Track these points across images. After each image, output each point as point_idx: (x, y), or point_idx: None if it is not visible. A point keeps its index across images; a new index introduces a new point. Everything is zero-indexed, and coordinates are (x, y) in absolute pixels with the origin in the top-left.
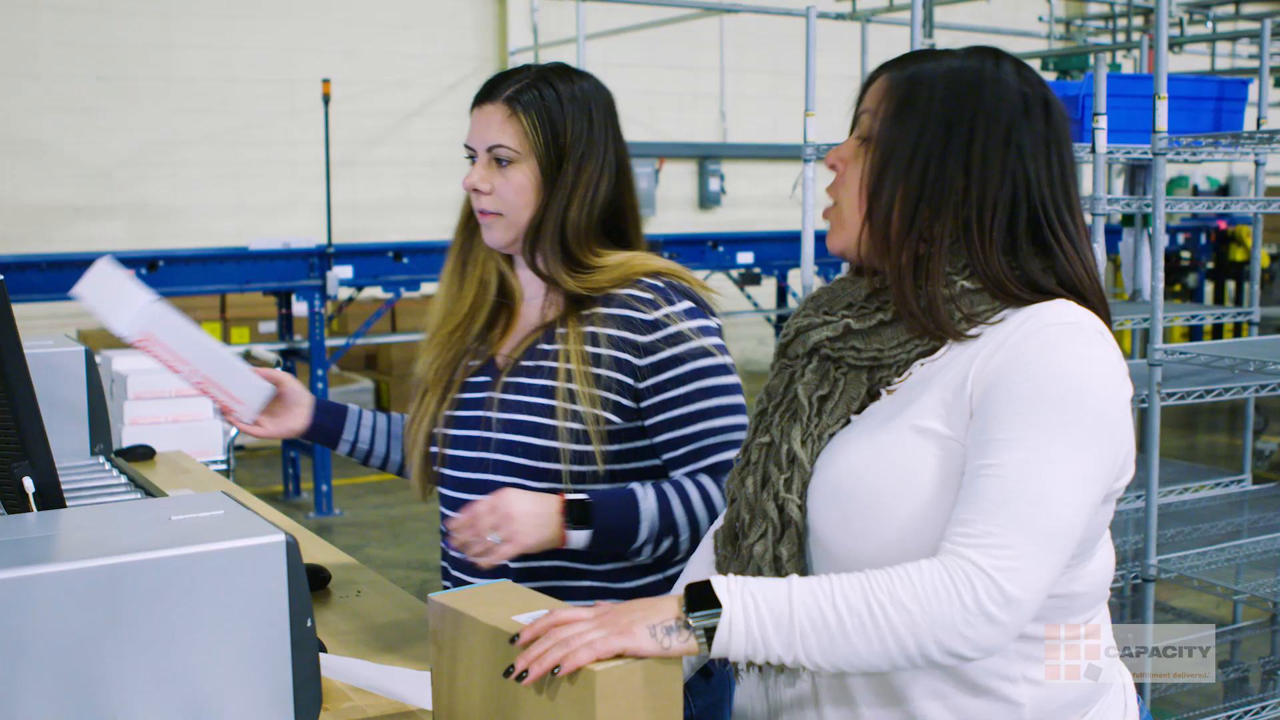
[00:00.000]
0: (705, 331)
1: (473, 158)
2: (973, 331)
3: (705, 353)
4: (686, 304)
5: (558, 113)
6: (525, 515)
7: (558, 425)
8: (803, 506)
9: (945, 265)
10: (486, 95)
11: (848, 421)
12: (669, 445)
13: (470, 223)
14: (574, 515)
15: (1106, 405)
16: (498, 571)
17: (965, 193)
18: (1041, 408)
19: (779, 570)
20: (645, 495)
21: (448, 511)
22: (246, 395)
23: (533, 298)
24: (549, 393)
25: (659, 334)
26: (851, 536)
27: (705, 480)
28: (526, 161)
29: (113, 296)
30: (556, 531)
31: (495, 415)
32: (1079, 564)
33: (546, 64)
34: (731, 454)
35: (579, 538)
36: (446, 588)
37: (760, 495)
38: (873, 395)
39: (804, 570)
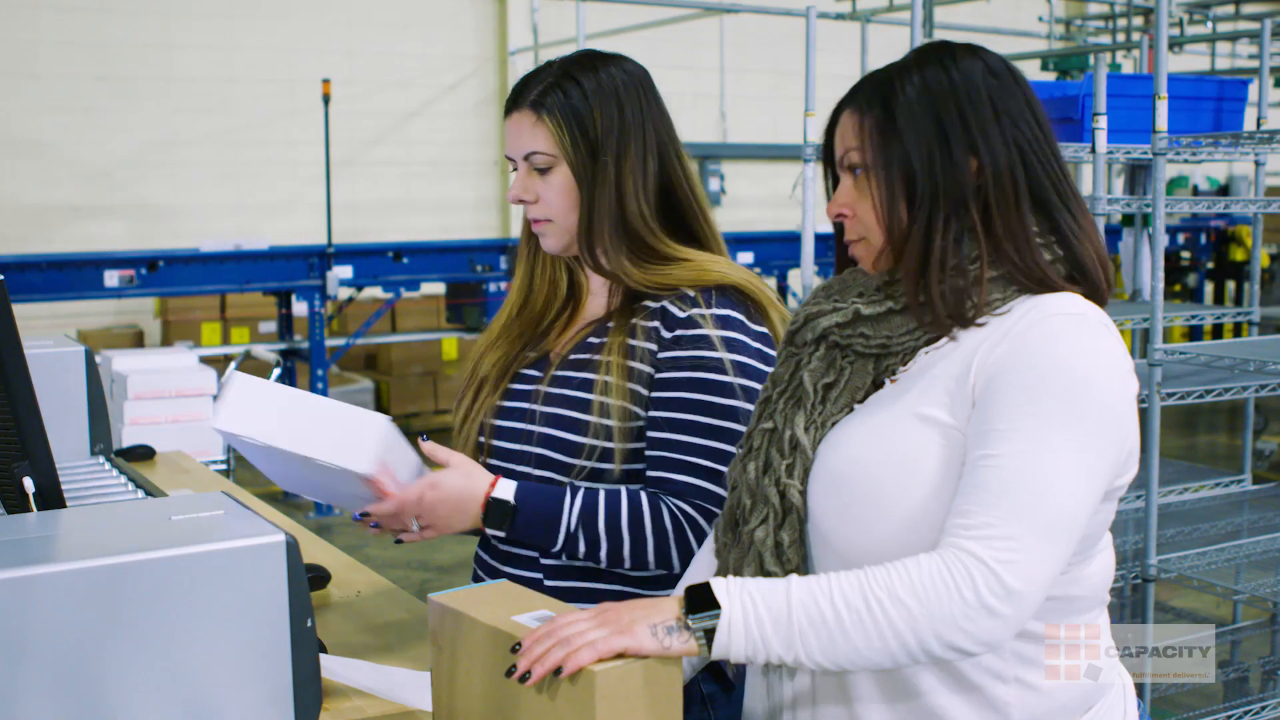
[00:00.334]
0: (732, 345)
1: (515, 168)
2: (980, 320)
3: (716, 366)
4: (728, 311)
5: (584, 108)
6: (447, 513)
7: (591, 421)
8: (804, 492)
9: (960, 257)
10: (514, 102)
11: (852, 410)
12: (649, 444)
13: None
14: (493, 518)
15: (1111, 398)
16: (528, 565)
17: (979, 175)
18: (1044, 398)
19: (780, 556)
20: (572, 506)
21: None
22: None
23: (596, 294)
24: (589, 387)
25: (681, 331)
26: (850, 524)
27: (644, 498)
28: (562, 164)
29: (309, 428)
30: (474, 524)
31: (539, 408)
32: (1079, 565)
33: (572, 55)
34: (688, 478)
35: (495, 534)
36: (480, 579)
37: (762, 481)
38: (878, 385)
39: (804, 557)
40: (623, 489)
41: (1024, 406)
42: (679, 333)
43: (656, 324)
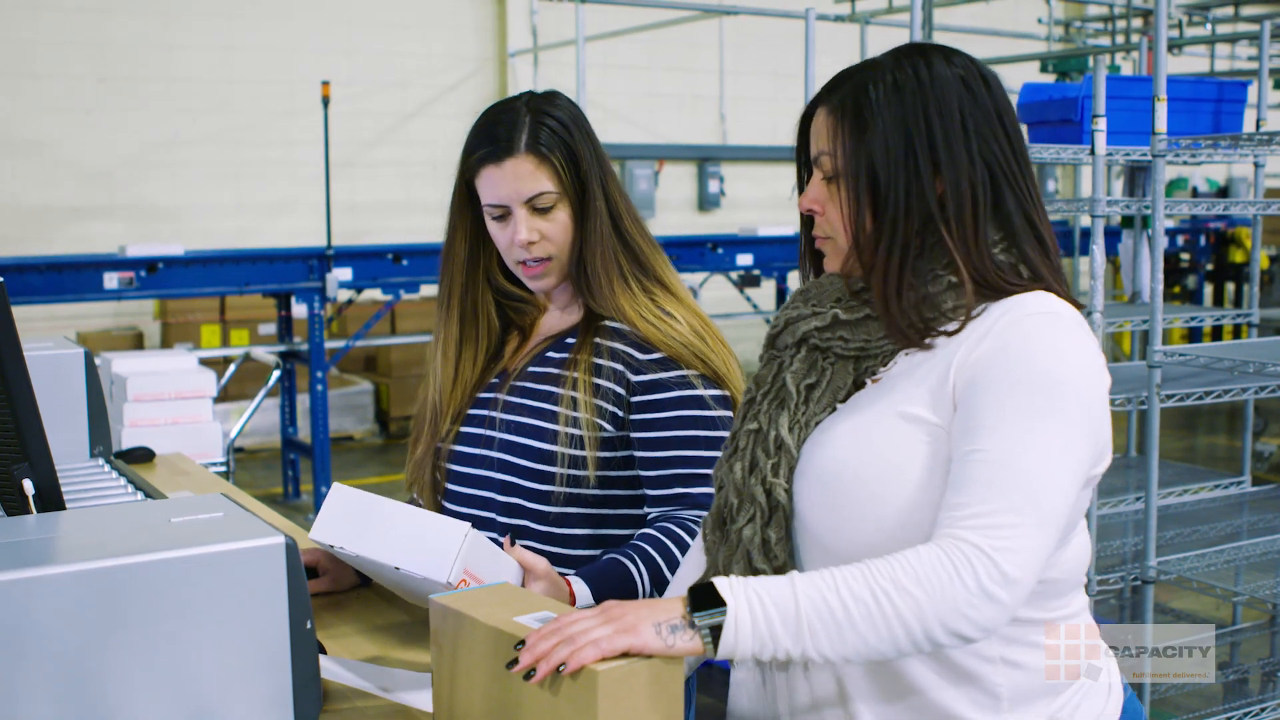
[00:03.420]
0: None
1: (500, 216)
2: (953, 326)
3: (692, 384)
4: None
5: (571, 143)
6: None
7: (559, 430)
8: (789, 491)
9: (929, 266)
10: (505, 150)
11: (834, 409)
12: (648, 465)
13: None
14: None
15: (1088, 394)
16: None
17: (943, 192)
18: (1026, 395)
19: (768, 553)
20: (641, 574)
21: (452, 507)
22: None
23: (554, 309)
24: (553, 399)
25: (655, 355)
26: (837, 520)
27: (675, 528)
28: (564, 199)
29: (397, 537)
30: None
31: (500, 416)
32: (1057, 550)
33: (527, 97)
34: (703, 488)
35: None
36: None
37: (748, 480)
38: (859, 385)
39: (791, 554)
40: (654, 530)
41: (1007, 403)
42: (652, 356)
43: (625, 347)
